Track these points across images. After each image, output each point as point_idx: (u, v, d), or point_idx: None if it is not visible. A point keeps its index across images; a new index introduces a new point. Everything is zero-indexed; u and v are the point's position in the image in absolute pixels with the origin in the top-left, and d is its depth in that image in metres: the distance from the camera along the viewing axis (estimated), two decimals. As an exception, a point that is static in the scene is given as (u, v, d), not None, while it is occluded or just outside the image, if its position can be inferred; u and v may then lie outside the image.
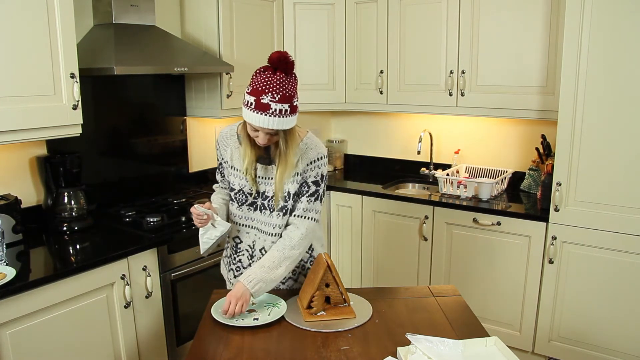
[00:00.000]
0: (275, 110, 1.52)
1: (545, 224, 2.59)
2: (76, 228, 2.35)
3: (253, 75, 1.57)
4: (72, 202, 2.37)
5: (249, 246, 1.81)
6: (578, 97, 2.40)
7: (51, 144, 2.41)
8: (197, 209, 1.66)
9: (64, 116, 2.09)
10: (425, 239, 2.98)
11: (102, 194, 2.63)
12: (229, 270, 1.90)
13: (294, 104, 1.56)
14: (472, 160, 3.32)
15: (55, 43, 2.02)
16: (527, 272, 2.68)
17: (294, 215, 1.74)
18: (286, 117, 1.55)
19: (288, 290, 1.82)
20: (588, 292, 2.53)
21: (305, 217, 1.73)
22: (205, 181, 3.27)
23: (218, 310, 1.61)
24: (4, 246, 1.99)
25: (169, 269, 2.35)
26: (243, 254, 1.83)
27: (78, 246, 2.23)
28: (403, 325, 1.55)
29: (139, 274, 2.20)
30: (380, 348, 1.43)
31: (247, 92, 1.56)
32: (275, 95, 1.52)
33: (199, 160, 3.23)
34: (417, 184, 3.46)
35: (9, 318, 1.77)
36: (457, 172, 3.21)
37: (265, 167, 1.73)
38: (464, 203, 2.85)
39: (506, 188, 3.10)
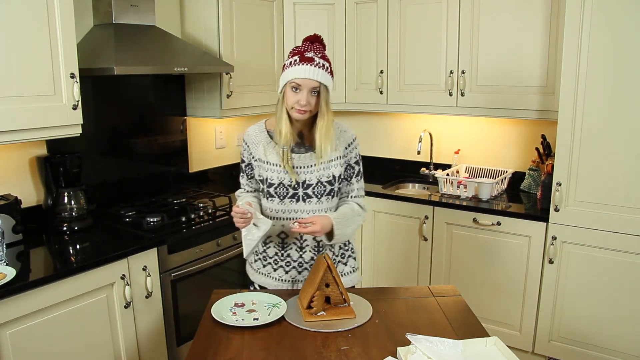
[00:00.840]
0: (319, 63, 1.63)
1: (545, 224, 2.59)
2: (76, 228, 2.35)
3: (291, 49, 1.70)
4: (72, 202, 2.37)
5: (297, 238, 1.81)
6: (578, 97, 2.40)
7: (51, 144, 2.41)
8: (240, 207, 1.66)
9: (64, 116, 2.09)
10: (425, 239, 2.98)
11: (102, 194, 2.63)
12: (276, 269, 1.85)
13: (332, 68, 1.68)
14: (472, 160, 3.32)
15: (55, 43, 2.02)
16: (527, 272, 2.68)
17: (350, 197, 1.84)
18: (328, 74, 1.65)
19: (288, 290, 1.82)
20: (588, 292, 2.53)
21: (360, 196, 1.86)
22: (205, 181, 3.28)
23: (218, 310, 1.61)
24: (4, 246, 1.99)
25: (169, 269, 2.35)
26: (291, 248, 1.82)
27: (78, 246, 2.23)
28: (403, 325, 1.55)
29: (139, 274, 2.20)
30: (380, 348, 1.43)
31: (288, 57, 1.67)
32: (317, 52, 1.65)
33: (199, 160, 3.23)
34: (417, 184, 3.46)
35: (9, 318, 1.77)
36: (457, 172, 3.21)
37: (301, 156, 1.75)
38: (464, 203, 2.85)
39: (506, 188, 3.10)
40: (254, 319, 1.57)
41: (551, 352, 2.69)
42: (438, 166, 3.45)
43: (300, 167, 1.75)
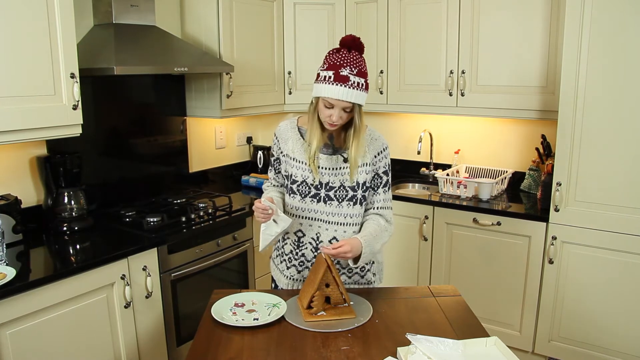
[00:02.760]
0: (354, 82, 1.58)
1: (545, 224, 2.59)
2: (76, 228, 2.35)
3: (327, 56, 1.63)
4: (72, 202, 2.37)
5: (313, 239, 1.80)
6: (578, 97, 2.40)
7: (51, 144, 2.41)
8: (262, 203, 1.65)
9: (64, 116, 2.09)
10: (425, 239, 2.98)
11: (102, 194, 2.63)
12: (289, 267, 1.85)
13: (367, 81, 1.63)
14: (472, 161, 3.32)
15: (55, 43, 2.02)
16: (527, 272, 2.68)
17: (376, 208, 1.80)
18: (362, 91, 1.60)
19: (289, 291, 1.82)
20: (588, 292, 2.53)
21: (386, 208, 1.81)
22: (205, 181, 3.28)
23: (218, 310, 1.61)
24: (4, 246, 1.98)
25: (169, 269, 2.35)
26: (306, 247, 1.81)
27: (78, 246, 2.23)
28: (403, 325, 1.55)
29: (139, 274, 2.20)
30: (380, 348, 1.43)
31: (322, 70, 1.61)
32: (352, 69, 1.58)
33: (199, 160, 3.23)
34: (417, 184, 3.46)
35: (9, 318, 1.77)
36: (457, 172, 3.21)
37: (328, 158, 1.74)
38: (464, 203, 2.85)
39: (506, 188, 3.10)
40: (254, 319, 1.57)
41: (551, 352, 2.69)
42: (438, 166, 3.44)
43: (325, 169, 1.74)
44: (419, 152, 3.30)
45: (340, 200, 1.75)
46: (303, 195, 1.76)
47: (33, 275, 1.88)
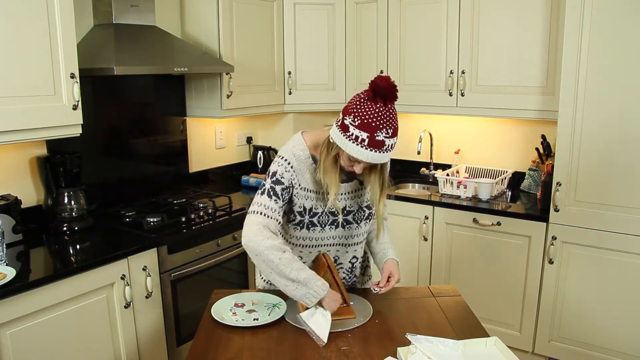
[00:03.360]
0: (389, 145, 1.45)
1: (545, 224, 2.59)
2: (76, 228, 2.35)
3: (359, 104, 1.45)
4: (72, 202, 2.37)
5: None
6: (578, 97, 2.40)
7: (51, 144, 2.41)
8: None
9: (64, 116, 2.09)
10: (425, 239, 2.98)
11: (102, 194, 2.63)
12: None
13: (396, 141, 1.49)
14: (472, 161, 3.32)
15: (55, 43, 2.02)
16: (527, 272, 2.68)
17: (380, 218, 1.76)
18: (393, 149, 1.48)
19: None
20: (588, 292, 2.53)
21: (386, 218, 1.83)
22: (205, 181, 3.27)
23: (218, 310, 1.61)
24: (4, 246, 1.98)
25: (169, 269, 2.35)
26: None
27: (78, 246, 2.23)
28: (403, 325, 1.55)
29: (139, 274, 2.20)
30: (380, 348, 1.43)
31: (354, 125, 1.43)
32: (388, 130, 1.43)
33: (199, 160, 3.23)
34: (417, 184, 3.46)
35: (9, 318, 1.77)
36: (457, 172, 3.21)
37: (345, 185, 1.67)
38: (464, 203, 2.85)
39: (506, 188, 3.10)
40: (254, 319, 1.57)
41: (551, 352, 2.69)
42: (438, 166, 3.45)
43: (343, 194, 1.67)
44: (419, 152, 3.30)
45: (359, 221, 1.71)
46: (323, 225, 1.67)
47: (33, 275, 1.88)
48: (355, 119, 1.43)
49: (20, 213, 2.22)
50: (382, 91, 1.43)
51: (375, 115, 1.42)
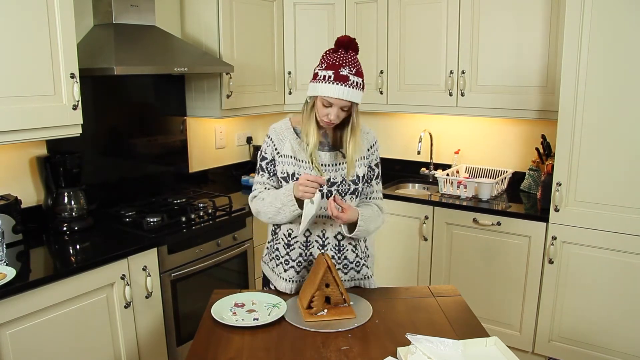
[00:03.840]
0: (353, 82, 1.61)
1: (545, 224, 2.59)
2: (76, 228, 2.35)
3: (323, 55, 1.66)
4: (72, 202, 2.37)
5: (319, 236, 1.79)
6: (578, 97, 2.40)
7: (51, 144, 2.41)
8: (310, 175, 1.64)
9: (64, 116, 2.09)
10: (425, 239, 2.98)
11: (102, 194, 2.62)
12: (298, 270, 1.79)
13: (364, 81, 1.66)
14: (472, 161, 3.32)
15: (55, 43, 2.02)
16: (527, 272, 2.68)
17: (371, 199, 1.85)
18: (360, 90, 1.64)
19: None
20: (588, 292, 2.53)
21: (379, 199, 1.86)
22: (205, 181, 3.28)
23: (218, 310, 1.61)
24: (4, 246, 1.98)
25: (169, 269, 2.35)
26: (313, 246, 1.80)
27: (78, 246, 2.23)
28: (403, 325, 1.55)
29: (139, 274, 2.20)
30: (380, 348, 1.43)
31: (320, 69, 1.63)
32: (352, 68, 1.61)
33: (199, 160, 3.23)
34: (417, 184, 3.46)
35: (9, 318, 1.77)
36: (457, 172, 3.21)
37: (326, 154, 1.76)
38: (464, 203, 2.85)
39: (506, 188, 3.10)
40: (254, 319, 1.57)
41: (551, 352, 2.69)
42: (438, 166, 3.44)
43: (325, 165, 1.76)
44: (419, 152, 3.30)
45: (343, 194, 1.76)
46: None
47: (33, 275, 1.88)
48: (322, 64, 1.65)
49: (20, 213, 2.22)
50: (343, 43, 1.64)
51: (338, 57, 1.62)
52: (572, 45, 2.38)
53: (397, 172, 3.57)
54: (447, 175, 3.11)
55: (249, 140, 3.57)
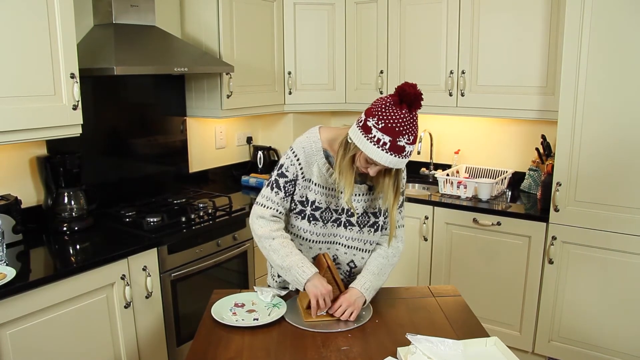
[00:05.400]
0: (408, 152, 1.46)
1: (545, 224, 2.59)
2: (76, 228, 2.35)
3: (384, 108, 1.45)
4: (72, 202, 2.37)
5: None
6: (578, 97, 2.40)
7: (51, 144, 2.41)
8: (329, 299, 1.56)
9: (64, 116, 2.09)
10: (425, 239, 2.98)
11: (102, 194, 2.62)
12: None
13: (414, 148, 1.51)
14: (472, 161, 3.32)
15: (55, 43, 2.02)
16: (527, 272, 2.68)
17: (386, 229, 1.73)
18: (410, 156, 1.50)
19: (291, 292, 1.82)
20: (588, 292, 2.53)
21: (400, 227, 1.75)
22: (205, 181, 3.28)
23: (218, 310, 1.61)
24: (4, 246, 1.98)
25: (169, 269, 2.35)
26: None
27: (78, 246, 2.23)
28: (403, 325, 1.55)
29: (139, 274, 2.20)
30: (380, 348, 1.43)
31: (377, 128, 1.44)
32: (410, 137, 1.45)
33: (199, 160, 3.23)
34: (417, 184, 3.46)
35: (9, 318, 1.77)
36: (457, 172, 3.21)
37: (355, 186, 1.65)
38: (464, 203, 2.85)
39: (506, 188, 3.10)
40: (254, 319, 1.57)
41: (551, 352, 2.69)
42: (438, 166, 3.44)
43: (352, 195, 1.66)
44: (419, 152, 3.30)
45: (361, 226, 1.69)
46: (325, 221, 1.67)
47: (33, 276, 1.88)
48: (379, 122, 1.44)
49: (20, 213, 2.22)
50: (409, 98, 1.43)
51: (400, 120, 1.43)
52: (572, 45, 2.38)
53: (397, 172, 3.57)
54: (447, 175, 3.11)
55: (249, 140, 3.58)
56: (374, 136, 1.44)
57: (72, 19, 2.06)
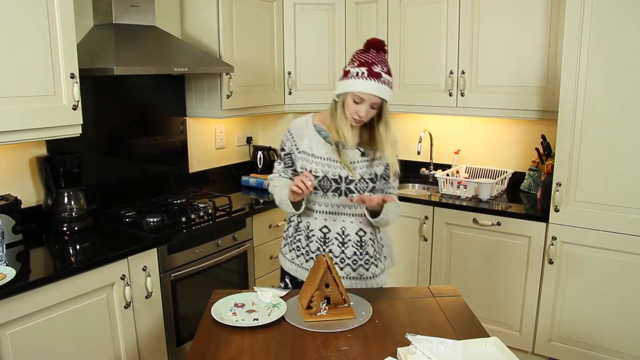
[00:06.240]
0: (385, 79, 1.67)
1: (545, 224, 2.59)
2: (76, 228, 2.35)
3: (355, 54, 1.71)
4: (72, 203, 2.37)
5: (338, 234, 1.83)
6: (578, 97, 2.40)
7: (51, 144, 2.41)
8: (309, 178, 1.68)
9: (64, 116, 2.09)
10: (425, 239, 2.98)
11: (102, 194, 2.62)
12: (308, 261, 1.88)
13: (392, 80, 1.72)
14: (472, 161, 3.32)
15: (55, 43, 2.02)
16: (527, 272, 2.68)
17: (387, 194, 1.86)
18: (391, 88, 1.70)
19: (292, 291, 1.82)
20: (588, 292, 2.53)
21: (396, 195, 1.90)
22: (205, 181, 3.28)
23: (218, 311, 1.61)
24: (4, 246, 1.98)
25: (169, 269, 2.35)
26: (333, 243, 1.84)
27: (78, 246, 2.23)
28: (403, 325, 1.55)
29: (139, 274, 2.20)
30: (380, 348, 1.43)
31: (352, 67, 1.68)
32: (383, 67, 1.68)
33: (199, 160, 3.23)
34: (417, 184, 3.46)
35: (9, 318, 1.77)
36: (457, 172, 3.21)
37: (347, 152, 1.80)
38: (464, 203, 2.85)
39: (506, 188, 3.10)
40: (254, 319, 1.57)
41: (551, 352, 2.69)
42: (438, 166, 3.44)
43: (338, 162, 1.79)
44: (419, 153, 3.30)
45: (361, 192, 1.79)
46: (325, 190, 1.80)
47: (33, 276, 1.88)
48: (354, 62, 1.69)
49: (20, 213, 2.22)
50: (374, 44, 1.70)
51: (371, 56, 1.68)
52: (572, 45, 2.38)
53: (397, 172, 3.57)
54: (447, 175, 3.11)
55: (249, 140, 3.57)
56: (351, 72, 1.68)
57: (72, 19, 2.06)
